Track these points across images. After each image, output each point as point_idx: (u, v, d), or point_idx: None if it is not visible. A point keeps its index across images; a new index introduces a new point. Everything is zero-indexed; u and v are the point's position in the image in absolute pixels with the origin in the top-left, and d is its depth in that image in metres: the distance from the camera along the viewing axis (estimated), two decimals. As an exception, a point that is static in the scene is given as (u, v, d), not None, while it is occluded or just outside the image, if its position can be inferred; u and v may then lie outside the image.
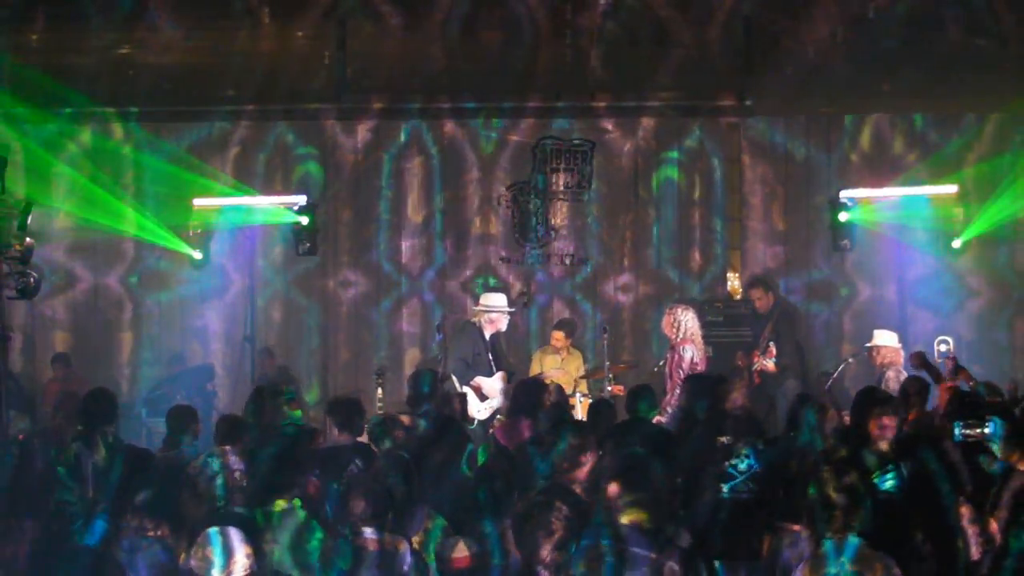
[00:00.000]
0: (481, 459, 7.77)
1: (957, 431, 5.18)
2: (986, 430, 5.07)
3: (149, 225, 12.95)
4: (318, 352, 13.44)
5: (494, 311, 11.02)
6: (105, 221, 12.97)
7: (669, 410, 9.82)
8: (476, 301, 11.78)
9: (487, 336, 10.96)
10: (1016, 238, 12.87)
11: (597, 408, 8.81)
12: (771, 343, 11.47)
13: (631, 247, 13.35)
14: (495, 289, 12.14)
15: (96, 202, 12.95)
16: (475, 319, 11.15)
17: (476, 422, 10.35)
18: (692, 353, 10.61)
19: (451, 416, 8.47)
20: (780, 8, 12.60)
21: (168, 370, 12.94)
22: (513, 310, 11.44)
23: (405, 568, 5.67)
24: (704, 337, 12.11)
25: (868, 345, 10.96)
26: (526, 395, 8.60)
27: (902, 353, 10.84)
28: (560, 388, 9.10)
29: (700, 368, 10.61)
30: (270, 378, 12.00)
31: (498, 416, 10.32)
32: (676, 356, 10.63)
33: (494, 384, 10.74)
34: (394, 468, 6.33)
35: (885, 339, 10.86)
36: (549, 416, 7.96)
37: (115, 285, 13.46)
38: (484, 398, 10.69)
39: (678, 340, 10.70)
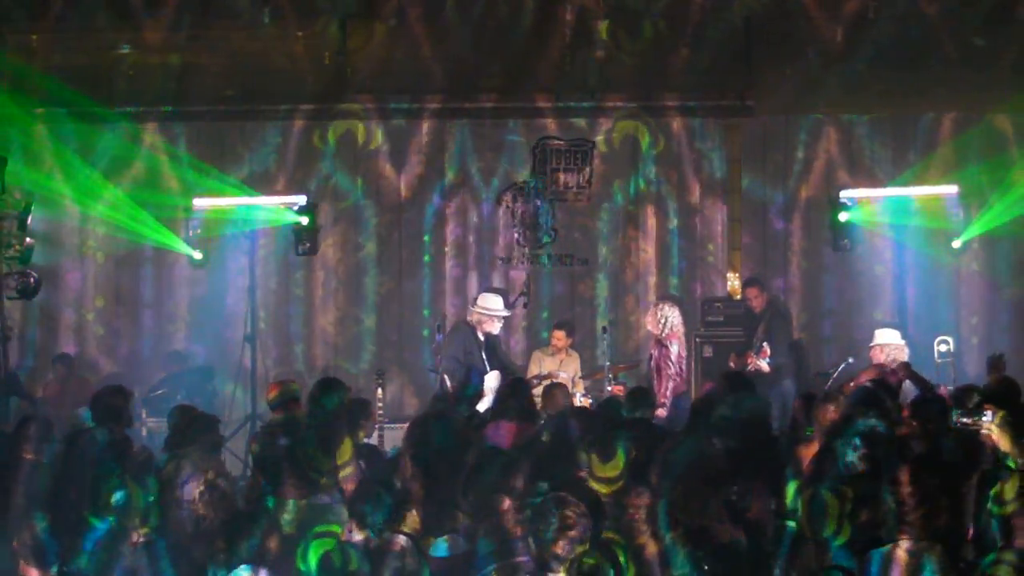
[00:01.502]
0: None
1: (954, 419, 5.27)
2: (984, 418, 5.16)
3: (149, 224, 12.94)
4: (318, 353, 13.44)
5: (487, 313, 10.99)
6: (105, 220, 12.98)
7: (666, 402, 9.90)
8: (474, 301, 11.77)
9: (480, 336, 10.95)
10: (1016, 238, 12.85)
11: (607, 405, 8.82)
12: (764, 343, 11.44)
13: (631, 247, 13.35)
14: (494, 290, 12.03)
15: (94, 201, 12.97)
16: (469, 318, 11.15)
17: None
18: (678, 348, 10.68)
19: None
20: (781, 8, 12.62)
21: (168, 370, 12.93)
22: (508, 314, 11.39)
23: (414, 567, 5.68)
24: (704, 336, 12.22)
25: (872, 344, 10.93)
26: (510, 396, 8.62)
27: (906, 350, 10.82)
28: (560, 388, 9.09)
29: (684, 363, 10.71)
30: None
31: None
32: (663, 351, 10.71)
33: (488, 383, 10.73)
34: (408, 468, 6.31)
35: (888, 337, 10.82)
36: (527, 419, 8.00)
37: (115, 285, 13.45)
38: (479, 396, 10.71)
39: (664, 335, 10.76)
